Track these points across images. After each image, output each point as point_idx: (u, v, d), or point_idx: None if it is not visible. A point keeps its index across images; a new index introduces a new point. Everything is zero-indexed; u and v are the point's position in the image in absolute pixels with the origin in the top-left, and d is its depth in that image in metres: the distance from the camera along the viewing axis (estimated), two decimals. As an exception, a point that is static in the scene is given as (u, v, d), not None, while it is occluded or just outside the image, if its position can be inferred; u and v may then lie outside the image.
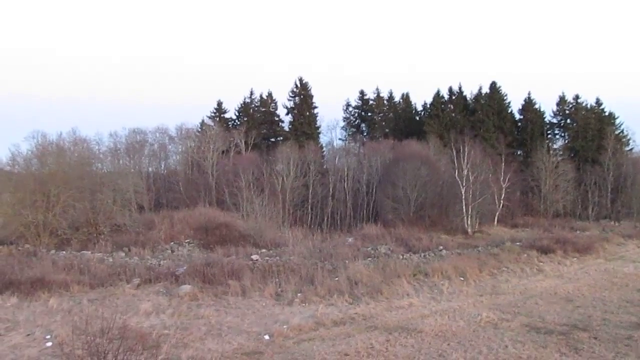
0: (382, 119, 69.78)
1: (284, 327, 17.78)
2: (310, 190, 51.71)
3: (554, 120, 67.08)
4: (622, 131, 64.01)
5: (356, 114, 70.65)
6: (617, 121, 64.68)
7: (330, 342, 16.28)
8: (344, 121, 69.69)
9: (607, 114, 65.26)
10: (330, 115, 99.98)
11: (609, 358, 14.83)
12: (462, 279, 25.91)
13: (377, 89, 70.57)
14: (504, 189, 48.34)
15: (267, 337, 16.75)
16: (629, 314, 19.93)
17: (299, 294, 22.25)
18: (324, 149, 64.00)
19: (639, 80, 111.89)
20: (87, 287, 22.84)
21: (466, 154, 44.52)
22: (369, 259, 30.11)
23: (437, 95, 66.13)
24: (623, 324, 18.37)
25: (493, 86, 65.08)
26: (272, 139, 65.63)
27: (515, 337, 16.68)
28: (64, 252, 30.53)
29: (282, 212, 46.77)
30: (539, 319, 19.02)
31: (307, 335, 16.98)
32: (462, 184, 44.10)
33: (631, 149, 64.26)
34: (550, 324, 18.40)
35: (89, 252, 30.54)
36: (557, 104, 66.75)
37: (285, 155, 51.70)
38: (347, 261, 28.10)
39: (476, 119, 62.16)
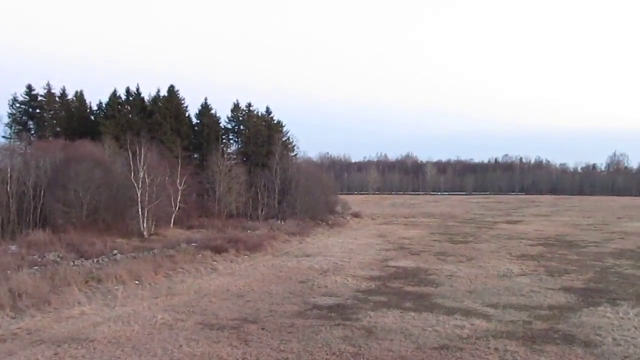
0: (53, 117, 63.92)
1: None
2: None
3: (229, 126, 70.96)
4: (288, 138, 71.40)
5: (23, 111, 63.46)
6: (284, 129, 72.06)
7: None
8: (9, 117, 61.82)
9: (275, 122, 71.78)
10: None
11: (275, 345, 15.95)
12: (137, 282, 25.34)
13: (48, 84, 64.13)
14: (180, 192, 48.83)
15: None
16: (292, 304, 21.90)
17: None
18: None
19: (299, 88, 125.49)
20: None
21: (142, 156, 43.65)
22: (36, 267, 27.49)
23: (114, 95, 63.45)
24: (287, 314, 20.08)
25: (171, 89, 65.50)
26: None
27: (189, 336, 16.80)
28: None
29: None
30: (212, 316, 19.57)
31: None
32: (138, 187, 43.03)
33: (295, 155, 72.01)
34: (223, 319, 19.09)
35: None
36: (232, 111, 70.79)
37: None
38: (9, 272, 25.13)
39: (154, 121, 61.47)
